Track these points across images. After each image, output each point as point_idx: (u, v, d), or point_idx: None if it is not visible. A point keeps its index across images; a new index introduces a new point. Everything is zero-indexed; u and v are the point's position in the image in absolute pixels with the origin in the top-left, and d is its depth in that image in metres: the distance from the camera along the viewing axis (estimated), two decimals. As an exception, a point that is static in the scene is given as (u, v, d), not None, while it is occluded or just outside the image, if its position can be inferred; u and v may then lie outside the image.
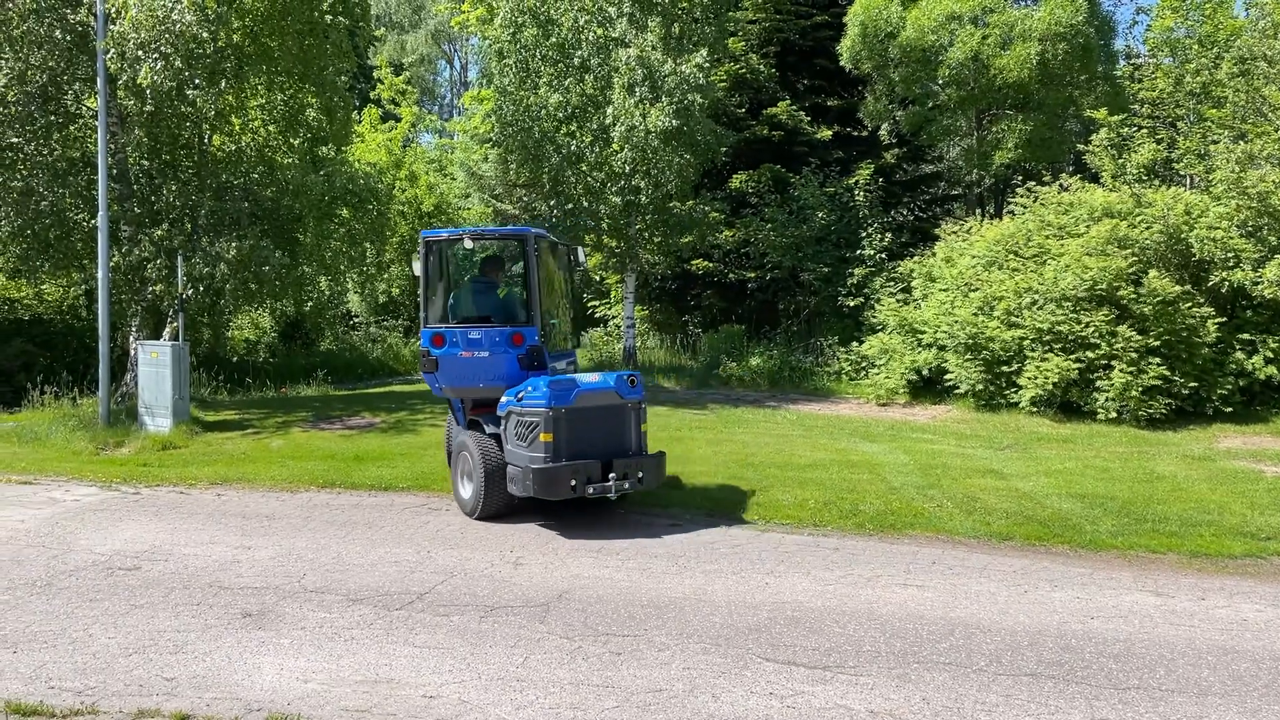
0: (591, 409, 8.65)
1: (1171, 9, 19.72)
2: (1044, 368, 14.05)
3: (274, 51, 15.72)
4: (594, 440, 8.61)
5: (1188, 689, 5.07)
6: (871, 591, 6.71)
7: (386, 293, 30.83)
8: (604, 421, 8.72)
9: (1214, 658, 5.50)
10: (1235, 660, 5.47)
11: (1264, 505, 9.16)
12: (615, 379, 8.88)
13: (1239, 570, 7.38)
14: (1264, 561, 7.57)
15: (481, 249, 10.19)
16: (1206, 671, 5.31)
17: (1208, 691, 5.05)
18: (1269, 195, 13.48)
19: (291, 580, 6.95)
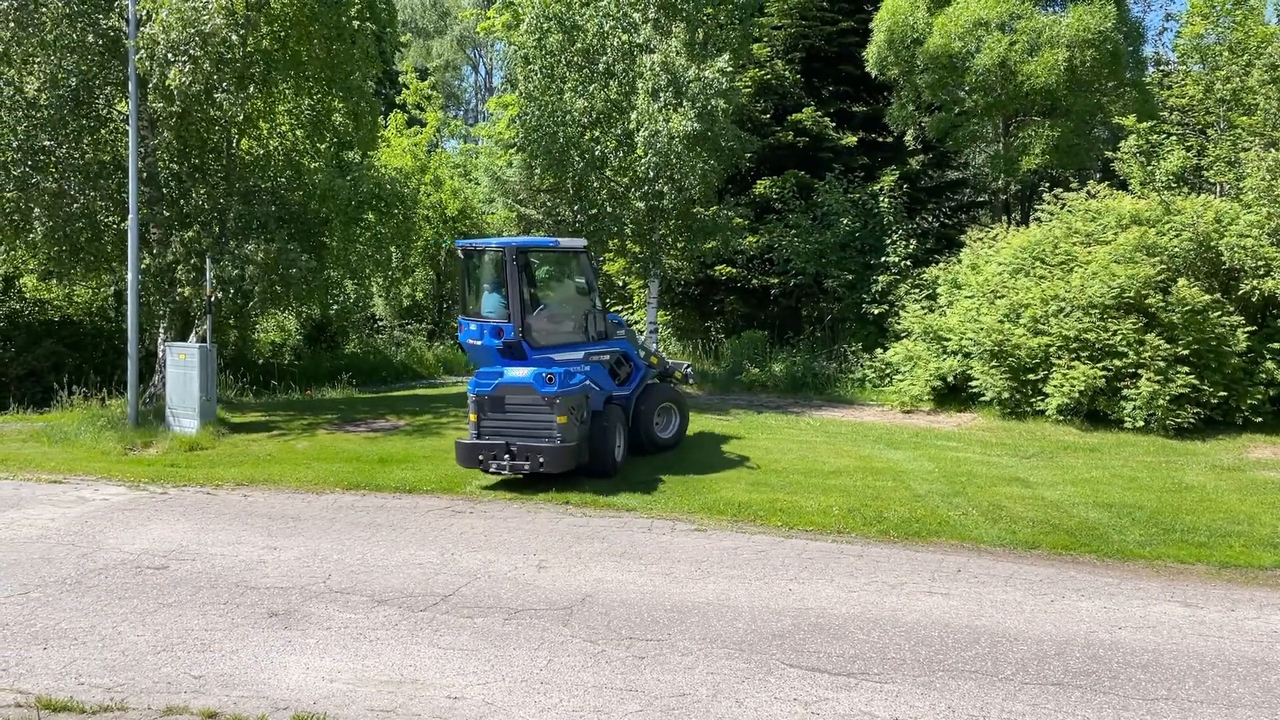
0: (508, 398, 10.44)
1: (1201, 15, 19.51)
2: (1070, 376, 13.94)
3: (302, 56, 15.85)
4: (512, 425, 10.41)
5: (1217, 701, 5.02)
6: (896, 599, 6.68)
7: (411, 296, 31.00)
8: (521, 410, 10.39)
9: (1244, 670, 5.44)
10: (1266, 673, 5.41)
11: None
12: (533, 378, 10.32)
13: (1270, 582, 7.29)
14: (1295, 573, 7.48)
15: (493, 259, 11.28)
16: (1236, 683, 5.25)
17: (1238, 704, 4.99)
18: (1301, 203, 13.35)
19: (317, 581, 7.00)
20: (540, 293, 11.47)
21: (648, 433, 11.94)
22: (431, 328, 32.10)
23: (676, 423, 12.58)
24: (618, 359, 11.75)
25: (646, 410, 11.95)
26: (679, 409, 12.62)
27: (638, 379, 12.06)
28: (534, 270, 11.49)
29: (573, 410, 10.32)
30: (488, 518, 9.11)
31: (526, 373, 10.40)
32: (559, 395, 10.21)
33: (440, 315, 32.87)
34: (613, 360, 11.63)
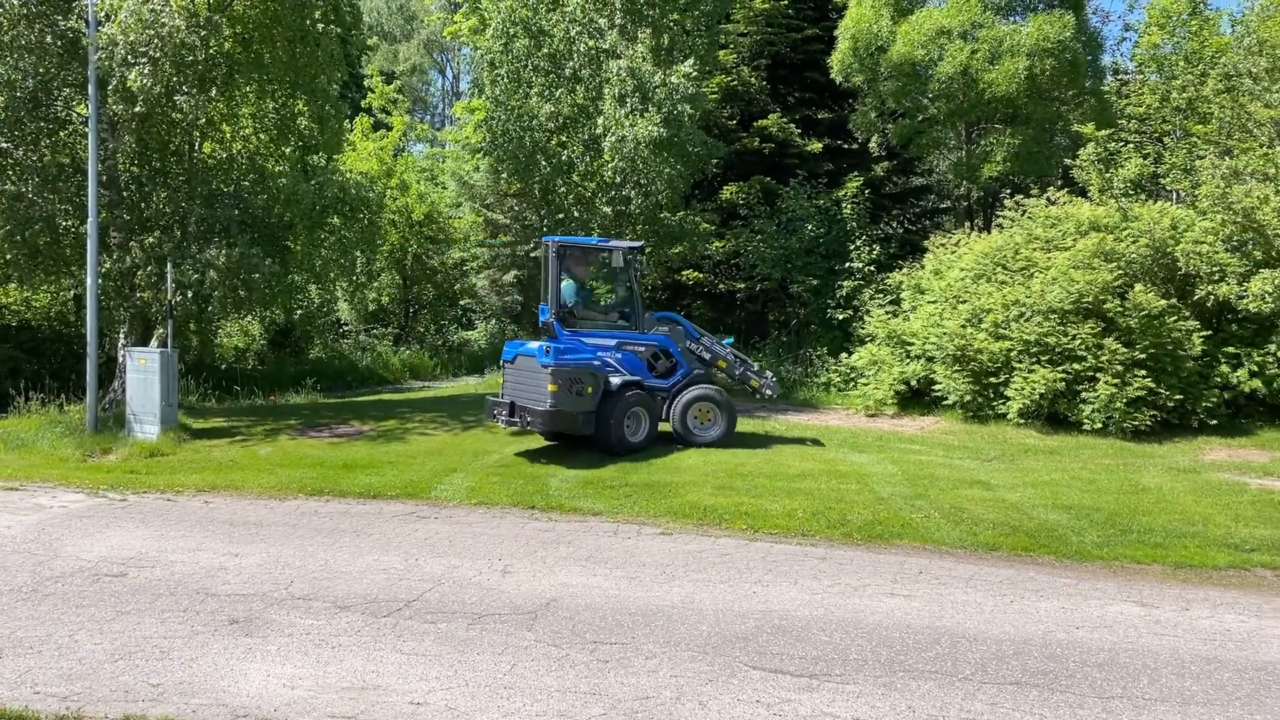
0: (519, 364, 12.50)
1: (1158, 26, 19.88)
2: (1031, 379, 14.14)
3: (265, 59, 15.72)
4: (519, 387, 12.43)
5: (1170, 698, 5.12)
6: (859, 600, 6.74)
7: (376, 301, 30.83)
8: (525, 375, 12.33)
9: (1197, 667, 5.55)
10: (1218, 670, 5.52)
11: (1248, 517, 9.23)
12: (538, 349, 12.17)
13: (1223, 581, 7.43)
14: (1248, 573, 7.63)
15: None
16: (1190, 681, 5.35)
17: (1191, 701, 5.09)
18: (1254, 210, 13.60)
19: (279, 587, 6.94)
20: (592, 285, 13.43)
21: (682, 428, 12.85)
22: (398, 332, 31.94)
23: (719, 428, 12.95)
24: (654, 353, 13.01)
25: (683, 407, 12.83)
26: (721, 412, 12.94)
27: (680, 375, 13.07)
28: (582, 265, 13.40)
29: (568, 382, 11.83)
30: (452, 523, 9.08)
31: (536, 345, 12.31)
32: (553, 366, 11.81)
33: (407, 320, 32.71)
34: (649, 353, 12.95)
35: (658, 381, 13.02)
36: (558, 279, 12.64)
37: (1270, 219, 13.28)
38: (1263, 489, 10.62)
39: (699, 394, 12.92)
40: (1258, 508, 9.65)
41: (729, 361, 13.33)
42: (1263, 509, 9.60)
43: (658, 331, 13.27)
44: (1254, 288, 13.28)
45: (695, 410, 12.92)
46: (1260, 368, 13.85)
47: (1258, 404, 14.21)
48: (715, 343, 13.45)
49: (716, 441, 12.83)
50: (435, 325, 32.84)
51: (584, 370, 12.11)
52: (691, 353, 13.32)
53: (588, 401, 12.05)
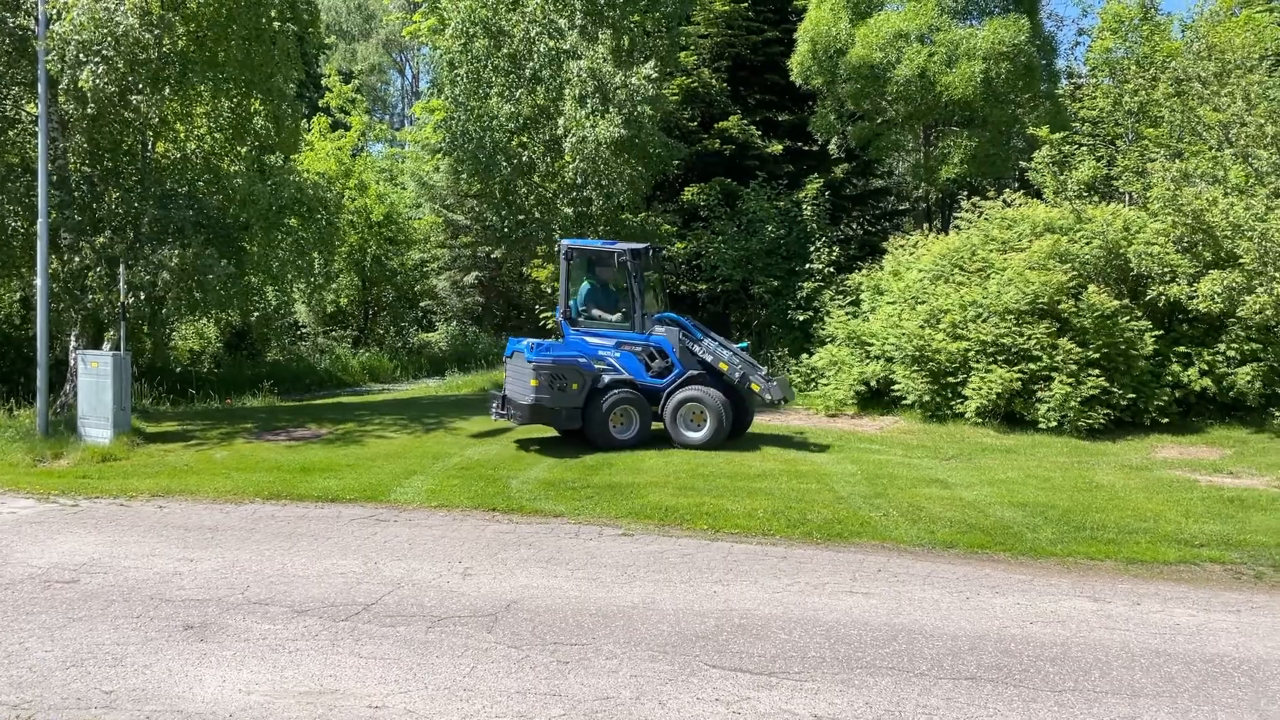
0: (514, 362, 13.20)
1: (1111, 31, 20.22)
2: (988, 379, 14.31)
3: (220, 58, 15.51)
4: (513, 383, 13.15)
5: (1121, 691, 5.21)
6: (818, 599, 6.79)
7: (335, 303, 30.55)
8: (518, 372, 12.97)
9: (1147, 660, 5.65)
10: (1167, 663, 5.63)
11: (1198, 513, 9.42)
12: (527, 346, 12.80)
13: (1173, 576, 7.57)
14: (1197, 568, 7.79)
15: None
16: (1139, 674, 5.45)
17: (1140, 693, 5.18)
18: (1203, 212, 13.87)
19: (235, 592, 6.86)
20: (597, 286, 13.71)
21: (671, 428, 12.94)
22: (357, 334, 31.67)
23: (705, 431, 12.84)
24: (650, 353, 13.17)
25: (674, 407, 12.90)
26: (710, 415, 12.82)
27: (674, 376, 13.10)
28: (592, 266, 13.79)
29: (551, 378, 12.48)
30: (413, 525, 9.02)
31: (526, 343, 12.95)
32: (535, 361, 12.50)
33: (366, 322, 32.44)
34: (645, 353, 13.15)
35: (654, 381, 13.11)
36: (567, 280, 13.45)
37: (1219, 221, 13.55)
38: (1212, 486, 10.83)
39: (688, 395, 12.89)
40: (1207, 504, 9.85)
41: (730, 364, 13.12)
42: (1212, 505, 9.79)
43: (656, 332, 13.32)
44: (1203, 288, 13.54)
45: (684, 411, 12.90)
46: (1210, 367, 14.12)
47: (1208, 402, 14.48)
48: (720, 345, 13.31)
49: (703, 444, 12.72)
50: (395, 327, 32.61)
51: (569, 367, 12.65)
52: (693, 354, 13.25)
53: (573, 398, 12.60)
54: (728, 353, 13.21)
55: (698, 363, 13.24)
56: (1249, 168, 13.95)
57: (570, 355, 12.93)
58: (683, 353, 13.23)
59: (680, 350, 13.22)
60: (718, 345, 13.29)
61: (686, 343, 13.27)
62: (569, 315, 13.40)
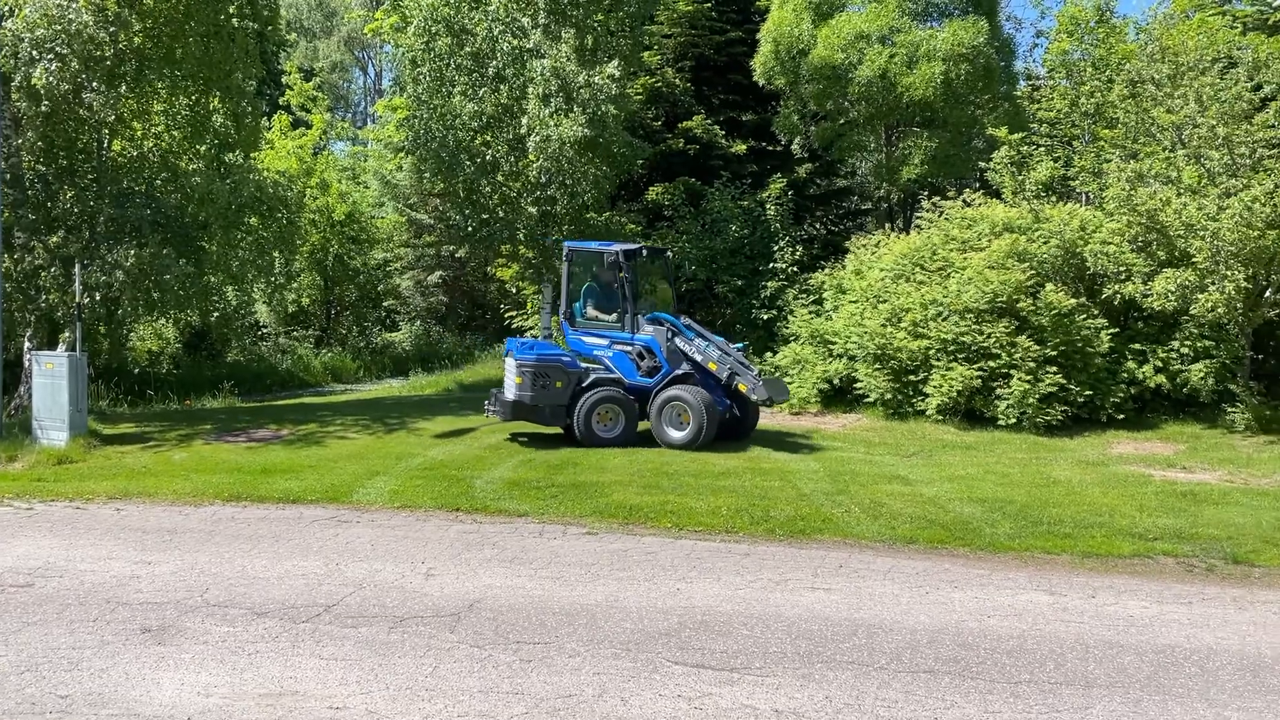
0: (506, 361, 13.53)
1: (1068, 33, 20.51)
2: (948, 377, 14.47)
3: (177, 54, 15.33)
4: (506, 381, 13.53)
5: (1075, 682, 5.30)
6: (780, 595, 6.84)
7: (296, 303, 30.25)
8: (508, 370, 13.38)
9: (1101, 652, 5.76)
10: (1121, 654, 5.74)
11: (1152, 508, 9.60)
12: (514, 344, 13.55)
13: (1128, 569, 7.72)
14: (1151, 561, 7.94)
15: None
16: (1093, 665, 5.55)
17: (1094, 684, 5.28)
18: (1157, 212, 14.11)
19: (194, 595, 6.79)
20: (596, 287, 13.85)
21: (656, 427, 12.97)
22: (319, 334, 31.38)
23: (687, 431, 12.74)
24: (639, 352, 13.21)
25: (658, 407, 12.91)
26: (693, 415, 12.68)
27: (661, 375, 13.11)
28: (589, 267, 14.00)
29: (533, 376, 12.82)
30: (375, 526, 8.97)
31: (515, 341, 13.65)
32: (519, 360, 12.99)
33: (328, 321, 32.17)
34: (634, 352, 13.21)
35: (644, 381, 13.15)
36: (568, 281, 13.71)
37: (1172, 220, 13.79)
38: (1166, 480, 11.05)
39: (671, 395, 12.84)
40: (1161, 498, 10.04)
41: (719, 364, 12.94)
42: (1165, 499, 9.98)
43: (644, 331, 13.32)
44: (1157, 287, 13.78)
45: (669, 411, 12.86)
46: (1164, 364, 14.38)
47: (1162, 399, 14.74)
48: (711, 345, 13.16)
49: (685, 444, 12.62)
50: (358, 327, 32.36)
51: (552, 366, 12.96)
52: (683, 354, 13.17)
53: (557, 395, 12.92)
54: (717, 352, 13.05)
55: (691, 363, 13.14)
56: (1201, 168, 14.21)
57: (554, 354, 13.23)
58: (671, 352, 13.16)
59: (668, 349, 13.16)
60: (707, 345, 13.16)
61: (677, 342, 13.18)
62: (569, 316, 13.65)
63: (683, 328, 13.41)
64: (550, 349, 13.51)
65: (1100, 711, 4.93)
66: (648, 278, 15.52)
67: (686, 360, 13.17)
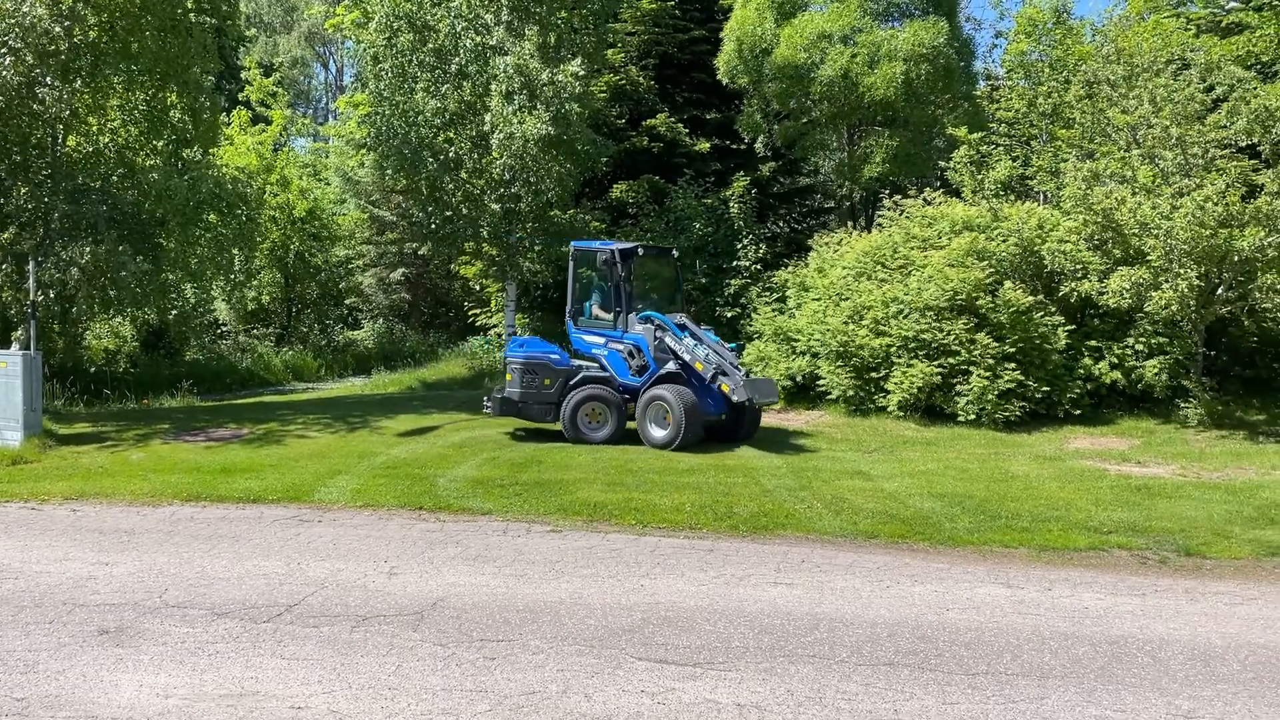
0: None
1: (1026, 34, 20.79)
2: (909, 374, 14.63)
3: (133, 49, 15.10)
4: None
5: (1031, 673, 5.40)
6: (743, 590, 6.89)
7: (256, 300, 29.91)
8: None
9: (1056, 643, 5.86)
10: (1076, 645, 5.85)
11: (1107, 501, 9.77)
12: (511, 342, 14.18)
13: (1083, 562, 7.86)
14: (1106, 553, 8.08)
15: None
16: (1049, 656, 5.65)
17: (1049, 674, 5.38)
18: (1112, 211, 14.34)
19: (152, 596, 6.71)
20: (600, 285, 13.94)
21: (640, 425, 12.90)
22: (280, 332, 31.05)
23: (668, 430, 12.59)
24: (630, 350, 13.23)
25: (642, 406, 12.85)
26: (672, 415, 12.53)
27: (648, 374, 13.09)
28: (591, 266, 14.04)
29: (522, 373, 13.20)
30: (337, 526, 8.92)
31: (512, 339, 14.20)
32: (509, 357, 13.62)
33: (289, 319, 31.84)
34: (625, 351, 13.23)
35: (634, 380, 13.16)
36: (573, 280, 13.95)
37: (1127, 219, 14.03)
38: (1121, 474, 11.25)
39: (654, 394, 12.76)
40: (1116, 492, 10.23)
41: (705, 363, 12.73)
42: (1120, 493, 10.18)
43: (634, 330, 13.32)
44: (1113, 284, 14.01)
45: (651, 410, 12.78)
46: (1119, 360, 14.63)
47: (1117, 394, 15.00)
48: (701, 345, 12.95)
49: (665, 444, 12.52)
50: (320, 325, 32.06)
51: (540, 363, 13.26)
52: (673, 353, 13.04)
53: (547, 393, 13.19)
54: (705, 351, 12.85)
55: (680, 363, 13.00)
56: (1155, 168, 14.47)
57: (543, 351, 13.50)
58: (659, 351, 13.06)
59: (656, 348, 13.06)
60: (695, 344, 12.96)
61: (667, 341, 13.06)
62: (575, 314, 13.90)
63: (673, 327, 13.24)
64: (541, 346, 13.77)
65: (1055, 701, 5.03)
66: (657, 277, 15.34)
67: (675, 359, 13.04)
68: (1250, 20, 18.72)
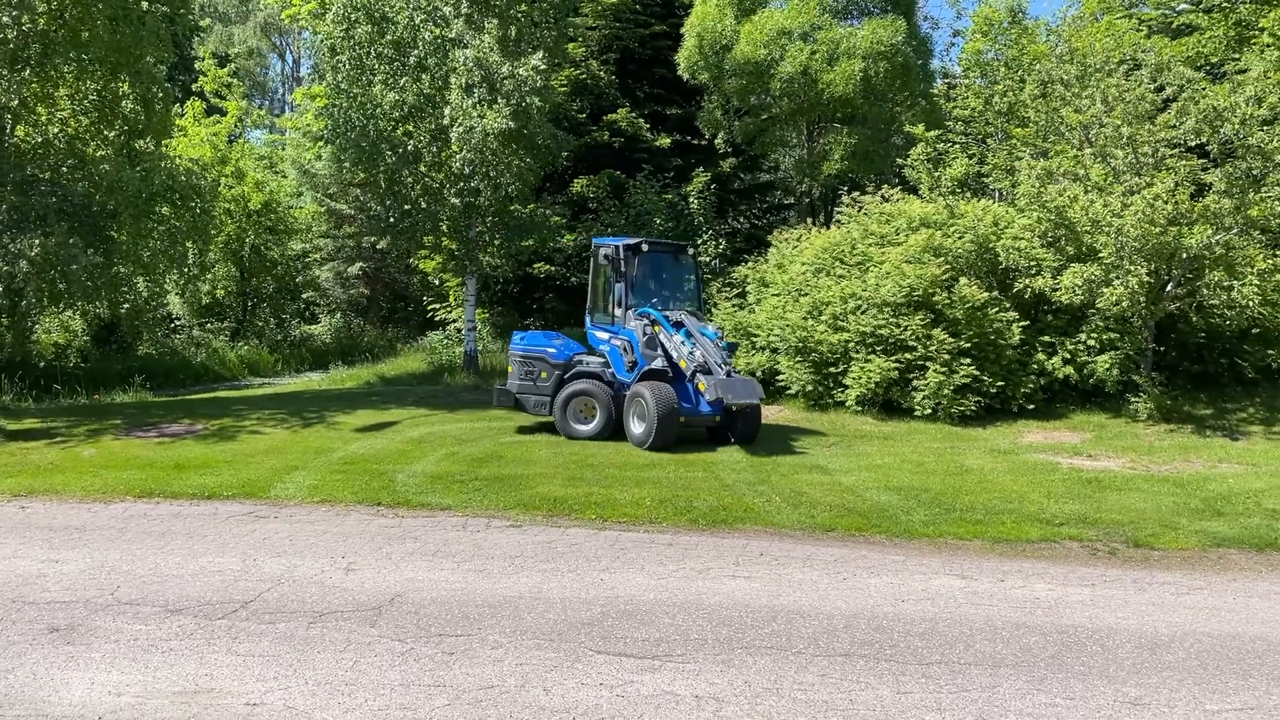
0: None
1: (982, 33, 21.08)
2: (867, 369, 14.76)
3: (84, 37, 14.81)
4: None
5: (984, 662, 5.49)
6: (702, 583, 6.93)
7: (211, 294, 29.46)
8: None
9: (1008, 633, 5.97)
10: (1027, 634, 5.95)
11: (1059, 494, 9.95)
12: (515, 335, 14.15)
13: (1035, 553, 7.99)
14: (1057, 545, 8.23)
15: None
16: (1001, 645, 5.75)
17: (1001, 663, 5.48)
18: (1065, 209, 14.59)
19: (104, 593, 6.61)
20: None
21: (625, 422, 12.81)
22: (235, 327, 30.63)
23: (643, 427, 12.33)
24: (624, 346, 13.18)
25: (625, 402, 12.78)
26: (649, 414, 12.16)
27: (636, 371, 12.95)
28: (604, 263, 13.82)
29: (520, 366, 13.42)
30: (294, 522, 8.83)
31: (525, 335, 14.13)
32: (511, 350, 13.74)
33: (245, 314, 31.42)
34: (621, 346, 13.17)
35: (627, 375, 13.06)
36: (594, 276, 13.90)
37: (1079, 217, 14.27)
38: (1073, 468, 11.45)
39: (635, 391, 12.63)
40: (1067, 485, 10.41)
41: (689, 361, 12.50)
42: (1072, 486, 10.36)
43: (629, 325, 13.23)
44: (1065, 281, 14.24)
45: (632, 406, 12.63)
46: (1072, 355, 14.87)
47: (1070, 389, 15.24)
48: (691, 342, 12.60)
49: (639, 443, 12.36)
50: (276, 319, 31.66)
51: (537, 357, 13.34)
52: (663, 349, 12.83)
53: (543, 386, 13.24)
54: (690, 348, 12.54)
55: (668, 360, 12.79)
56: (1107, 167, 14.72)
57: (541, 344, 13.58)
58: (648, 346, 12.86)
59: (645, 344, 12.87)
60: (685, 341, 12.65)
61: (659, 337, 12.85)
62: (591, 310, 13.96)
63: (665, 323, 12.88)
64: (539, 339, 13.84)
65: (1007, 690, 5.12)
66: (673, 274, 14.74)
67: (665, 357, 12.83)
68: (1200, 22, 19.11)
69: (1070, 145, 15.74)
